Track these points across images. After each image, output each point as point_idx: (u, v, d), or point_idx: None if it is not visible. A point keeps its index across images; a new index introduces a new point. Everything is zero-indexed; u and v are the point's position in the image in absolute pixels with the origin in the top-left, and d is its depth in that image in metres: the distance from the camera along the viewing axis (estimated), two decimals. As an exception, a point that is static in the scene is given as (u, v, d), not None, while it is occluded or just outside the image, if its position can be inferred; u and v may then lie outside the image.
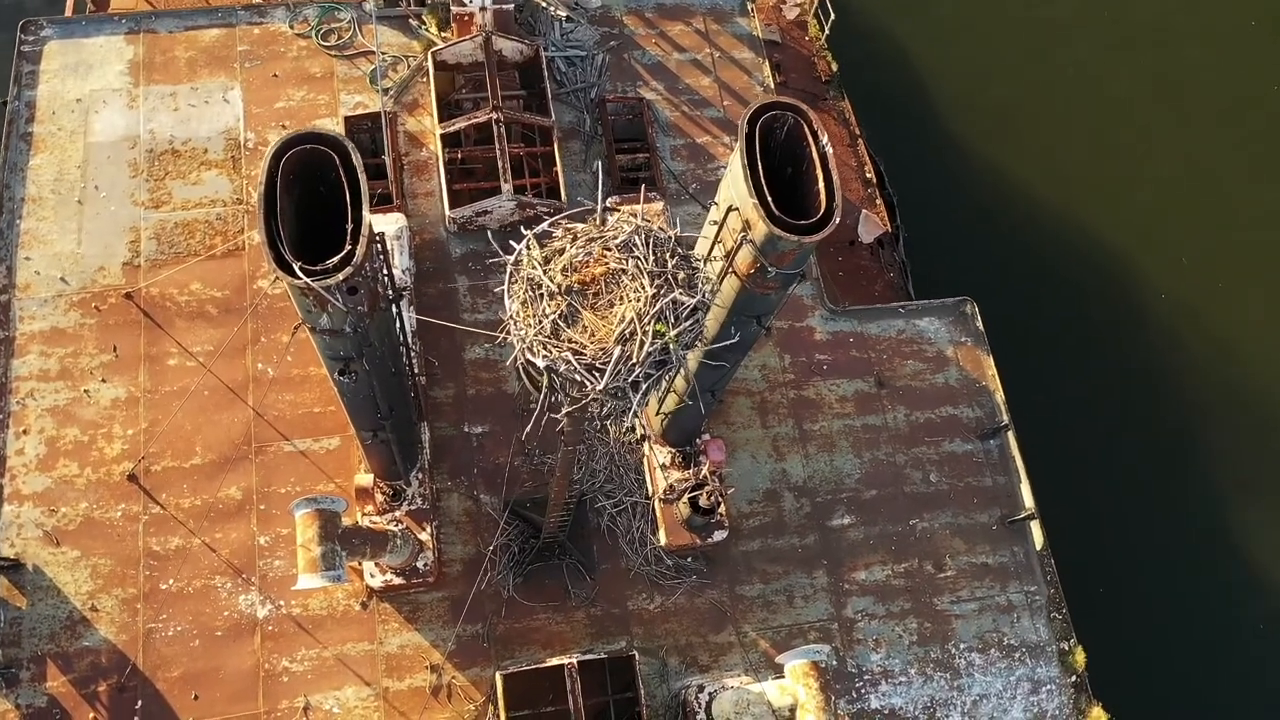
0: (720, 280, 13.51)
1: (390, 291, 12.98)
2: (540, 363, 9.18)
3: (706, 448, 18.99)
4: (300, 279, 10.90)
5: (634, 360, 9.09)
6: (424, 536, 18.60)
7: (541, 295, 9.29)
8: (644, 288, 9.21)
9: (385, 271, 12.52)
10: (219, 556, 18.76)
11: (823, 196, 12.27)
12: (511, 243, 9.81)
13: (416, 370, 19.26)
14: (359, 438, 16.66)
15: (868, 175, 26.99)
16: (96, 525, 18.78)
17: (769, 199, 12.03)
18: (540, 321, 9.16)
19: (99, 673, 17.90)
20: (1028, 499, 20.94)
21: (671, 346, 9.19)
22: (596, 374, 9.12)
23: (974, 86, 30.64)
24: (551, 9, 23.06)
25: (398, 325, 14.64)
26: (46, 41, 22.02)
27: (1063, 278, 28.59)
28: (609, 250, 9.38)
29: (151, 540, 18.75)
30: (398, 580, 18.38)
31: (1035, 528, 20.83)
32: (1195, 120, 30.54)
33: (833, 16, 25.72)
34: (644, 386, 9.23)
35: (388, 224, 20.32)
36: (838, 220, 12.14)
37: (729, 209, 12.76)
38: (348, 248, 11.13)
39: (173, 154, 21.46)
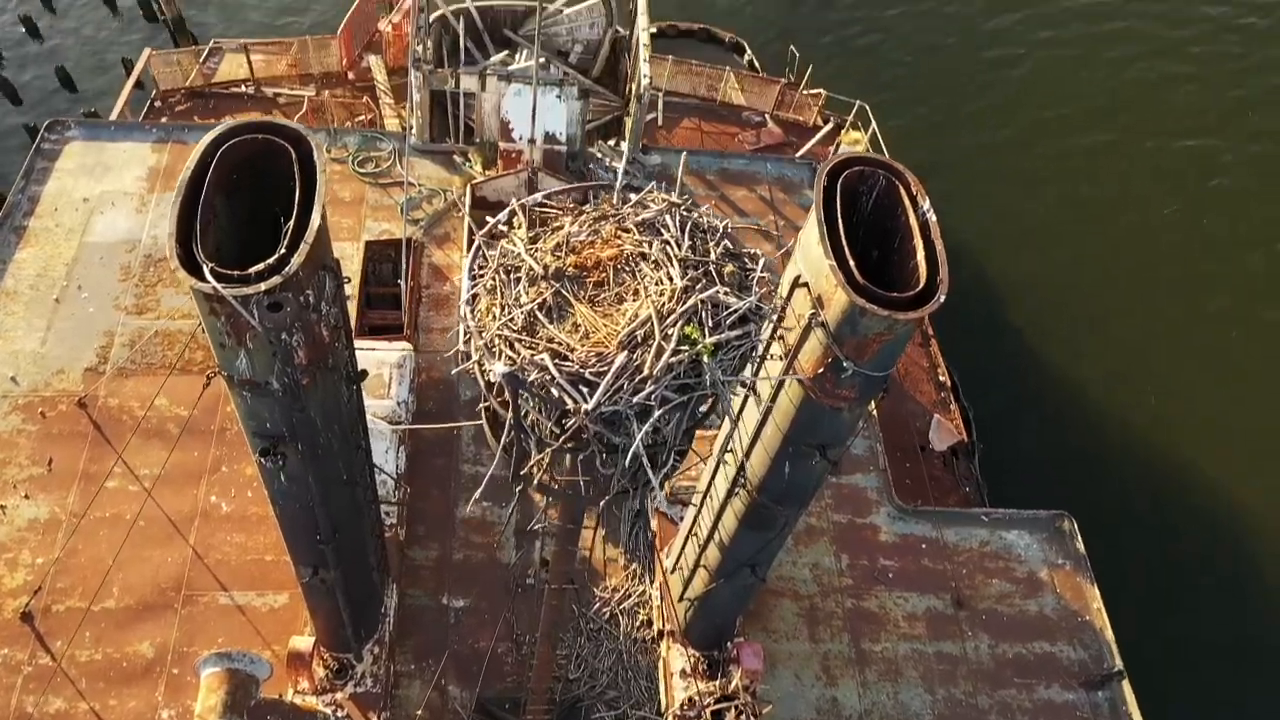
0: (777, 389, 10.29)
1: (346, 349, 9.94)
2: (498, 369, 5.84)
3: (739, 652, 14.93)
4: (208, 282, 7.98)
5: (645, 373, 5.75)
6: (367, 730, 14.42)
7: (519, 279, 6.19)
8: (671, 278, 6.10)
9: (340, 319, 9.53)
10: (106, 730, 14.71)
11: (923, 270, 9.24)
12: (489, 217, 6.80)
13: (390, 514, 15.86)
14: (297, 575, 13.03)
15: (941, 379, 24.12)
16: (-33, 671, 14.99)
17: (850, 262, 9.03)
18: (508, 311, 5.98)
19: None
20: (1151, 773, 16.17)
21: (705, 360, 5.90)
22: (585, 390, 5.79)
23: (1060, 297, 28.13)
24: (607, 159, 21.38)
25: (360, 416, 11.45)
26: (70, 141, 20.70)
27: (1163, 510, 24.59)
28: (626, 231, 6.37)
29: (28, 699, 14.80)
30: (323, 786, 14.05)
31: (1162, 814, 15.93)
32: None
33: None
34: (657, 413, 5.79)
35: (392, 352, 17.63)
36: (943, 299, 9.04)
37: (794, 285, 9.74)
38: (281, 252, 8.27)
39: (172, 261, 19.35)
